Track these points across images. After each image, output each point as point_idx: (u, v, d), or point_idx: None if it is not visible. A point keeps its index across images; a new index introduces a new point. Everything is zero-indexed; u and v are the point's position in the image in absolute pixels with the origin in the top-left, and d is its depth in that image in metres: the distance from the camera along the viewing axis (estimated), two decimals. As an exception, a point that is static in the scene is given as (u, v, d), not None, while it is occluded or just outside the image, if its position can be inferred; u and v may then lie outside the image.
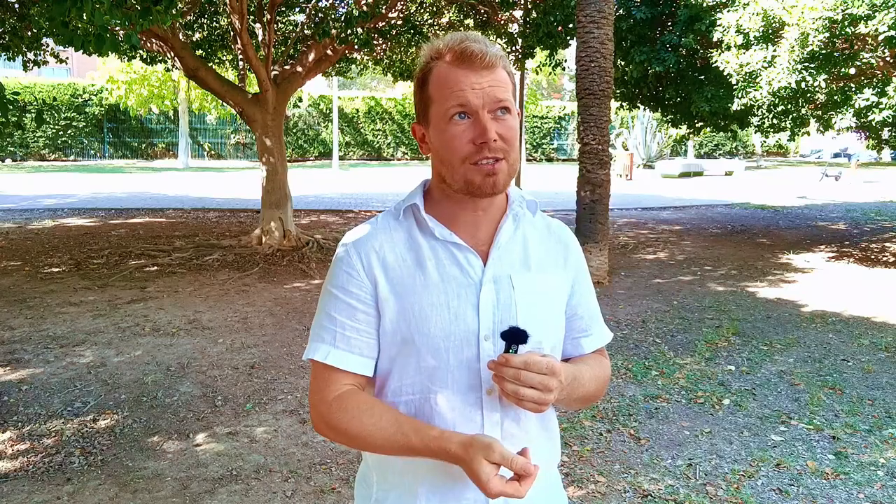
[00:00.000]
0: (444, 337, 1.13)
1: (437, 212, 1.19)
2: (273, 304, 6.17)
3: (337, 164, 24.49)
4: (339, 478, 3.14)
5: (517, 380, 1.03)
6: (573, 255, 1.27)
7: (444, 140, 1.12)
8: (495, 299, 1.15)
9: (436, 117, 1.13)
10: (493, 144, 1.09)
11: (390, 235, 1.19)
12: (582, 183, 7.13)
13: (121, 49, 5.12)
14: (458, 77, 1.09)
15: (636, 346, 5.10)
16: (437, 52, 1.13)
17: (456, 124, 1.10)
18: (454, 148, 1.11)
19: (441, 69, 1.12)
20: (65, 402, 3.96)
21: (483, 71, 1.09)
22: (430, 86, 1.14)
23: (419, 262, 1.16)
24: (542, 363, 1.04)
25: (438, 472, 1.16)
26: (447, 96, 1.10)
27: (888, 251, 9.39)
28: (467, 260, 1.16)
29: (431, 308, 1.13)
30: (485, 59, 1.09)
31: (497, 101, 1.09)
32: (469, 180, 1.11)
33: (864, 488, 3.08)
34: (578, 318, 1.27)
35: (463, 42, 1.10)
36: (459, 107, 1.09)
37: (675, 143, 31.09)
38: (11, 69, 27.53)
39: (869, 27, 6.71)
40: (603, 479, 3.15)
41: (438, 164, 1.16)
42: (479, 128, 1.09)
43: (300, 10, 9.94)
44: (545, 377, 1.04)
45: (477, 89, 1.09)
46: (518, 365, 1.03)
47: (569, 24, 8.83)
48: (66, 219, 11.33)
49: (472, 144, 1.09)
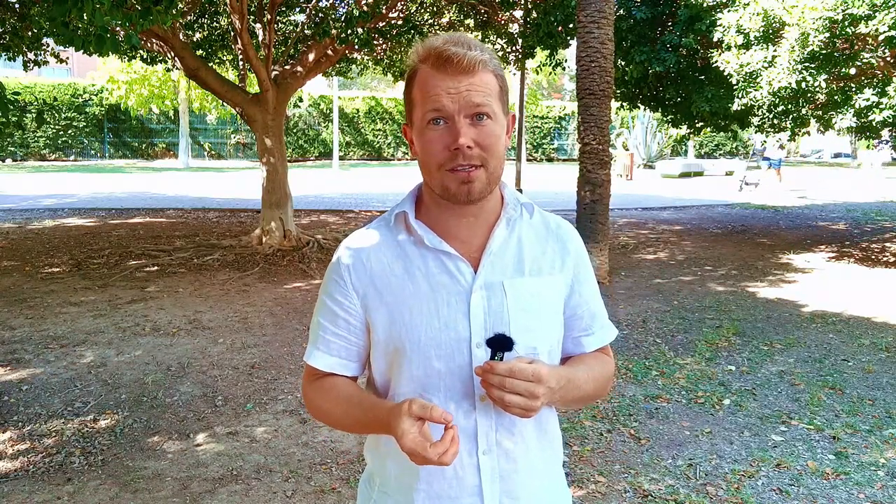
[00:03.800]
0: (435, 345, 1.13)
1: (428, 218, 1.19)
2: (273, 304, 6.17)
3: (337, 164, 24.49)
4: (340, 478, 3.14)
5: (502, 387, 1.03)
6: (572, 255, 1.24)
7: (421, 145, 1.12)
8: (486, 306, 1.14)
9: (417, 121, 1.13)
10: (466, 151, 1.07)
11: (381, 244, 1.19)
12: (582, 183, 7.13)
13: (121, 49, 5.13)
14: (436, 81, 1.08)
15: (636, 346, 5.10)
16: (420, 54, 1.12)
17: (432, 129, 1.09)
18: (430, 153, 1.10)
19: (423, 72, 1.11)
20: (65, 402, 3.96)
21: (460, 75, 1.07)
22: (413, 88, 1.13)
23: (408, 270, 1.16)
24: (527, 371, 1.03)
25: (435, 477, 1.17)
26: (425, 101, 1.09)
27: (888, 251, 9.39)
28: (457, 268, 1.15)
29: (420, 317, 1.14)
30: (462, 62, 1.06)
31: (474, 105, 1.07)
32: (445, 187, 1.11)
33: (864, 488, 3.08)
34: (578, 318, 1.26)
35: (444, 45, 1.08)
36: (435, 112, 1.08)
37: (675, 144, 31.09)
38: (12, 69, 27.54)
39: (869, 27, 6.71)
40: (603, 479, 3.16)
41: (421, 166, 1.15)
42: (452, 134, 1.07)
43: (300, 10, 9.94)
44: (531, 384, 1.03)
45: (453, 94, 1.07)
46: (503, 372, 1.03)
47: (569, 24, 8.83)
48: (66, 219, 11.33)
49: (448, 151, 1.08)
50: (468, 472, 1.16)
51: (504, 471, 1.17)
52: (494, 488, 1.17)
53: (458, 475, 1.16)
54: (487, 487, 1.16)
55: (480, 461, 1.16)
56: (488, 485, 1.16)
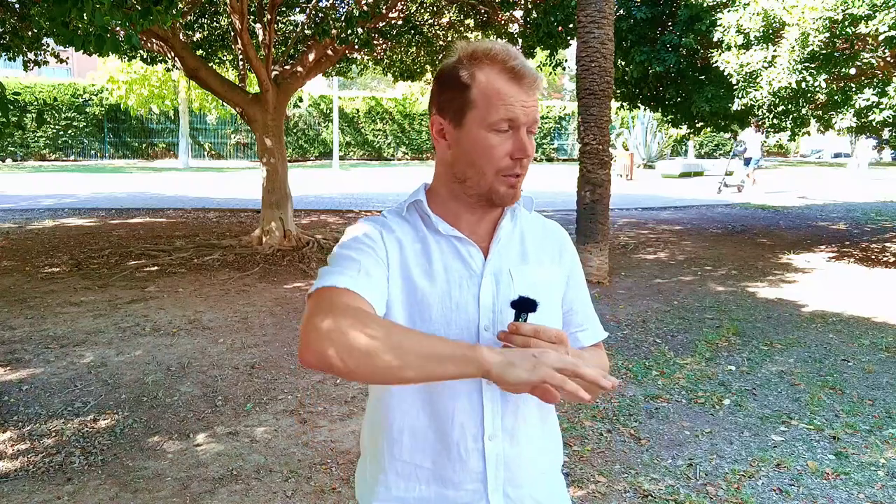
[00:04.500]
0: (446, 325, 1.16)
1: (440, 210, 1.23)
2: (273, 304, 6.17)
3: (337, 164, 24.48)
4: (340, 478, 3.14)
5: (527, 346, 1.03)
6: (568, 252, 1.32)
7: (481, 147, 1.16)
8: (495, 291, 1.19)
9: (475, 122, 1.15)
10: (524, 162, 1.17)
11: (402, 223, 1.24)
12: (582, 183, 7.13)
13: (121, 49, 5.12)
14: (513, 92, 1.13)
15: (636, 346, 5.10)
16: (483, 56, 1.15)
17: (497, 136, 1.15)
18: (491, 157, 1.15)
19: (491, 78, 1.14)
20: (65, 401, 3.96)
21: (531, 91, 1.15)
22: (474, 89, 1.15)
23: (426, 252, 1.20)
24: (551, 331, 1.05)
25: (441, 458, 1.18)
26: (497, 107, 1.13)
27: (888, 251, 9.38)
28: (469, 253, 1.20)
29: (434, 297, 1.17)
30: (534, 81, 1.15)
31: (535, 122, 1.16)
32: (495, 190, 1.17)
33: (864, 488, 3.08)
34: (574, 313, 1.31)
35: (517, 59, 1.15)
36: (508, 121, 1.14)
37: (675, 143, 31.07)
38: (12, 69, 27.54)
39: (869, 27, 6.70)
40: (603, 479, 3.16)
41: (463, 165, 1.18)
42: (519, 144, 1.15)
43: (300, 10, 9.94)
44: (555, 347, 1.04)
45: (527, 108, 1.14)
46: (528, 332, 1.05)
47: (569, 24, 8.81)
48: (66, 219, 11.33)
49: (510, 158, 1.15)
50: (472, 457, 1.17)
51: (508, 457, 1.19)
52: (499, 474, 1.18)
53: (462, 459, 1.17)
54: (492, 473, 1.18)
55: (486, 446, 1.17)
56: (493, 470, 1.18)
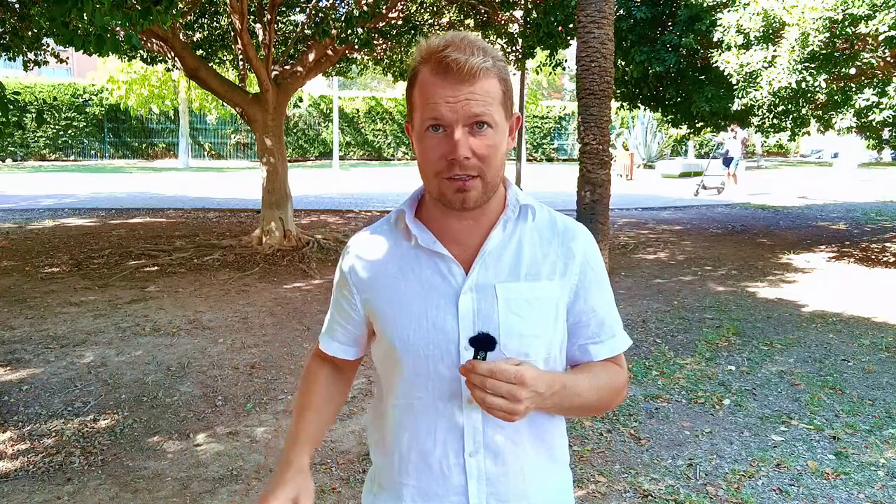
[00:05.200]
0: (424, 345, 1.13)
1: (428, 217, 1.18)
2: (273, 303, 6.17)
3: (337, 164, 24.47)
4: (339, 478, 3.14)
5: (483, 387, 1.00)
6: (578, 259, 1.18)
7: (420, 150, 1.11)
8: (475, 308, 1.12)
9: (416, 124, 1.11)
10: (464, 162, 1.05)
11: (380, 244, 1.21)
12: (582, 183, 7.13)
13: (121, 49, 5.12)
14: (436, 88, 1.05)
15: (636, 346, 5.09)
16: (421, 55, 1.09)
17: (430, 137, 1.07)
18: (428, 160, 1.09)
19: (423, 76, 1.08)
20: (65, 401, 3.96)
21: (460, 84, 1.04)
22: (414, 90, 1.11)
23: (402, 271, 1.17)
24: (509, 372, 1.00)
25: (423, 473, 1.18)
26: (424, 107, 1.07)
27: (888, 251, 9.38)
28: (449, 269, 1.15)
29: (410, 317, 1.14)
30: (462, 70, 1.03)
31: (473, 115, 1.04)
32: (441, 193, 1.10)
33: (864, 488, 3.08)
34: (584, 325, 1.20)
35: (445, 49, 1.04)
36: (433, 120, 1.06)
37: (675, 144, 31.06)
38: (12, 69, 27.53)
39: (869, 27, 6.71)
40: (603, 478, 3.16)
41: (419, 171, 1.14)
42: (450, 144, 1.05)
43: (300, 10, 9.94)
44: (513, 387, 1.00)
45: (452, 103, 1.04)
46: (483, 372, 1.00)
47: (569, 24, 8.82)
48: (66, 219, 11.33)
49: (444, 160, 1.06)
50: (454, 472, 1.16)
51: (491, 473, 1.16)
52: (481, 489, 1.16)
53: (444, 474, 1.17)
54: (473, 487, 1.16)
55: (466, 462, 1.16)
56: (474, 485, 1.16)
